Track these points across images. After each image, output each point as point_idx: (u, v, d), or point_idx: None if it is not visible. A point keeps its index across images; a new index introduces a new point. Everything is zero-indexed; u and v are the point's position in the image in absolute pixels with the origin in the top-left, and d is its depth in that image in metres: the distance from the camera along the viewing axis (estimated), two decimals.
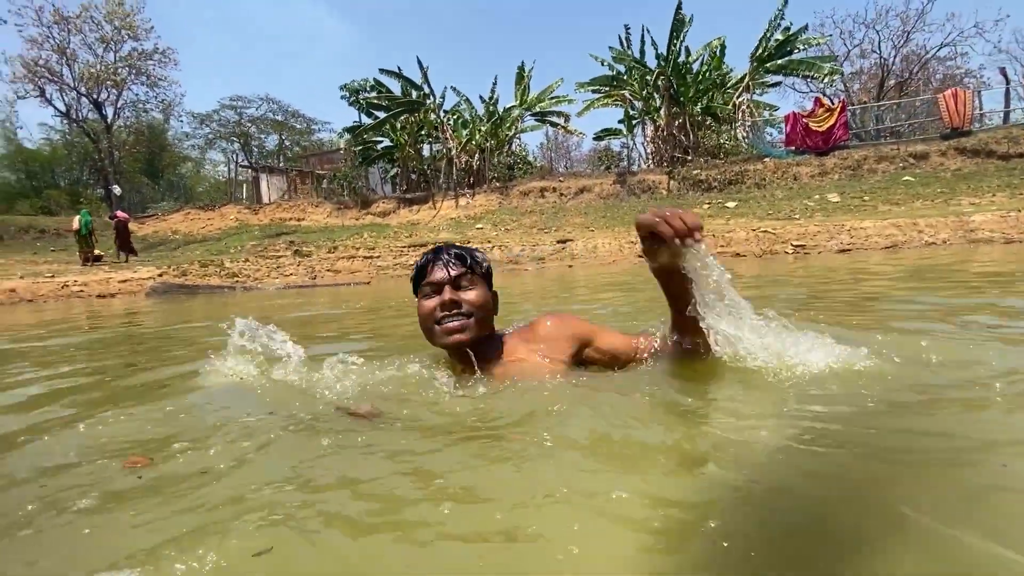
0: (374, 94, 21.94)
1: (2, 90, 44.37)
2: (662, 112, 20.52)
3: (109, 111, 26.00)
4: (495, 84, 22.78)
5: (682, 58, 20.25)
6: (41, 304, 9.36)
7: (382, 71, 21.47)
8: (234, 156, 33.21)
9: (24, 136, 30.06)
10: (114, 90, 25.81)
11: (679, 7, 19.47)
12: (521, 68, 22.95)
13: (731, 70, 21.47)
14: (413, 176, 23.03)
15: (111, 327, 4.92)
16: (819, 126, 18.02)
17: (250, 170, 25.99)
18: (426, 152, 23.58)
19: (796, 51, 19.62)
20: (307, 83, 75.74)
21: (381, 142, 23.45)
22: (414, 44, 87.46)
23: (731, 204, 16.03)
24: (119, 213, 15.55)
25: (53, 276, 11.48)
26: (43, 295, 10.21)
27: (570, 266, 12.44)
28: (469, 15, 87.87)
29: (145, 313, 6.53)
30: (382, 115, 21.20)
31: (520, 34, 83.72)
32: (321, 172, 25.06)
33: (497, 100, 22.72)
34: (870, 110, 21.16)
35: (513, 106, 23.10)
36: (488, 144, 21.82)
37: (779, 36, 19.38)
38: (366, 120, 22.40)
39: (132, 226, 19.80)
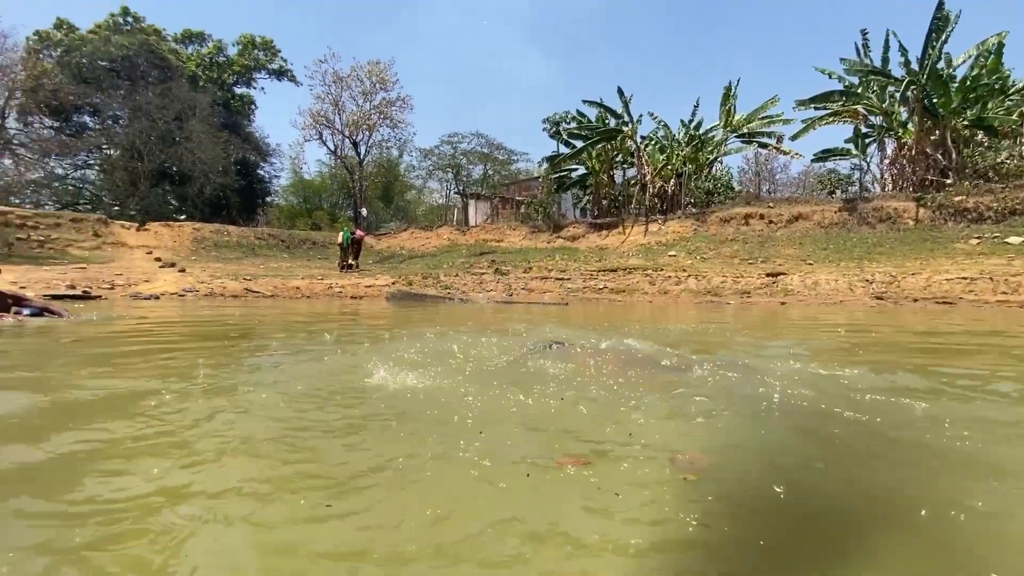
0: (574, 125, 23.00)
1: (295, 135, 58.53)
2: (910, 127, 17.24)
3: (362, 149, 32.28)
4: (696, 106, 21.93)
5: (941, 63, 16.80)
6: (316, 299, 11.91)
7: (585, 102, 22.46)
8: (447, 184, 38.11)
9: (305, 170, 38.93)
10: (367, 132, 31.96)
11: (941, 3, 16.25)
12: (728, 88, 21.70)
13: (1010, 72, 17.10)
14: (604, 202, 23.37)
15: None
16: None
17: (460, 197, 29.43)
18: (618, 178, 23.77)
19: None
20: (511, 116, 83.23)
21: (576, 170, 24.39)
22: (614, 75, 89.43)
23: (1015, 240, 12.55)
24: (357, 231, 19.08)
25: (322, 278, 14.53)
26: (317, 293, 12.97)
27: (783, 303, 11.15)
28: (672, 41, 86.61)
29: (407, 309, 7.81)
30: (580, 144, 22.06)
31: (728, 55, 79.43)
32: (519, 199, 27.12)
33: (700, 123, 21.84)
34: None
35: (715, 126, 21.94)
36: (686, 168, 21.02)
37: None
38: (564, 150, 23.60)
39: (372, 240, 24.07)
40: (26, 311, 4.23)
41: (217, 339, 4.12)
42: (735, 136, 21.94)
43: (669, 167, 21.28)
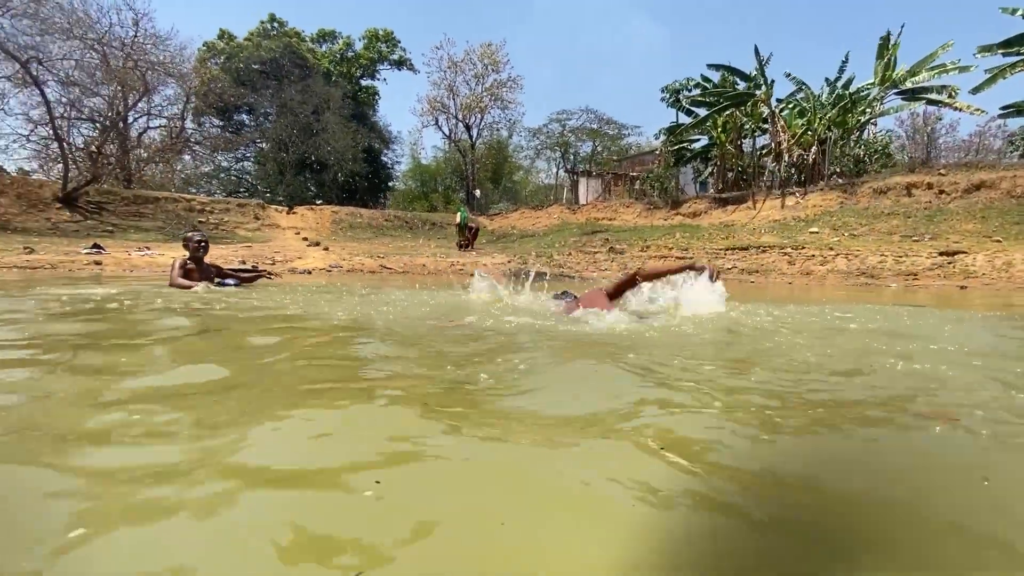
0: (697, 91, 21.40)
1: (414, 122, 61.72)
2: None
3: (474, 132, 33.13)
4: (845, 62, 19.15)
5: None
6: (441, 275, 12.53)
7: (709, 66, 20.72)
8: (555, 163, 37.83)
9: (423, 155, 40.97)
10: (479, 115, 32.68)
11: None
12: (885, 39, 18.64)
13: None
14: (730, 175, 21.59)
15: None
16: None
17: (569, 175, 29.04)
18: (746, 148, 21.77)
19: None
20: (621, 89, 79.85)
21: (697, 141, 22.77)
22: (736, 36, 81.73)
23: None
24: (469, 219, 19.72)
25: (445, 256, 15.25)
26: (440, 270, 13.64)
27: (962, 287, 9.50)
28: None
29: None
30: (704, 112, 20.50)
31: (879, 6, 68.58)
32: (633, 174, 26.07)
33: (850, 81, 19.14)
34: None
35: (869, 84, 19.05)
36: (830, 134, 18.61)
37: None
38: (684, 119, 22.09)
39: (485, 221, 24.77)
40: (230, 281, 4.93)
41: None
42: (895, 92, 18.89)
43: (810, 133, 18.98)
